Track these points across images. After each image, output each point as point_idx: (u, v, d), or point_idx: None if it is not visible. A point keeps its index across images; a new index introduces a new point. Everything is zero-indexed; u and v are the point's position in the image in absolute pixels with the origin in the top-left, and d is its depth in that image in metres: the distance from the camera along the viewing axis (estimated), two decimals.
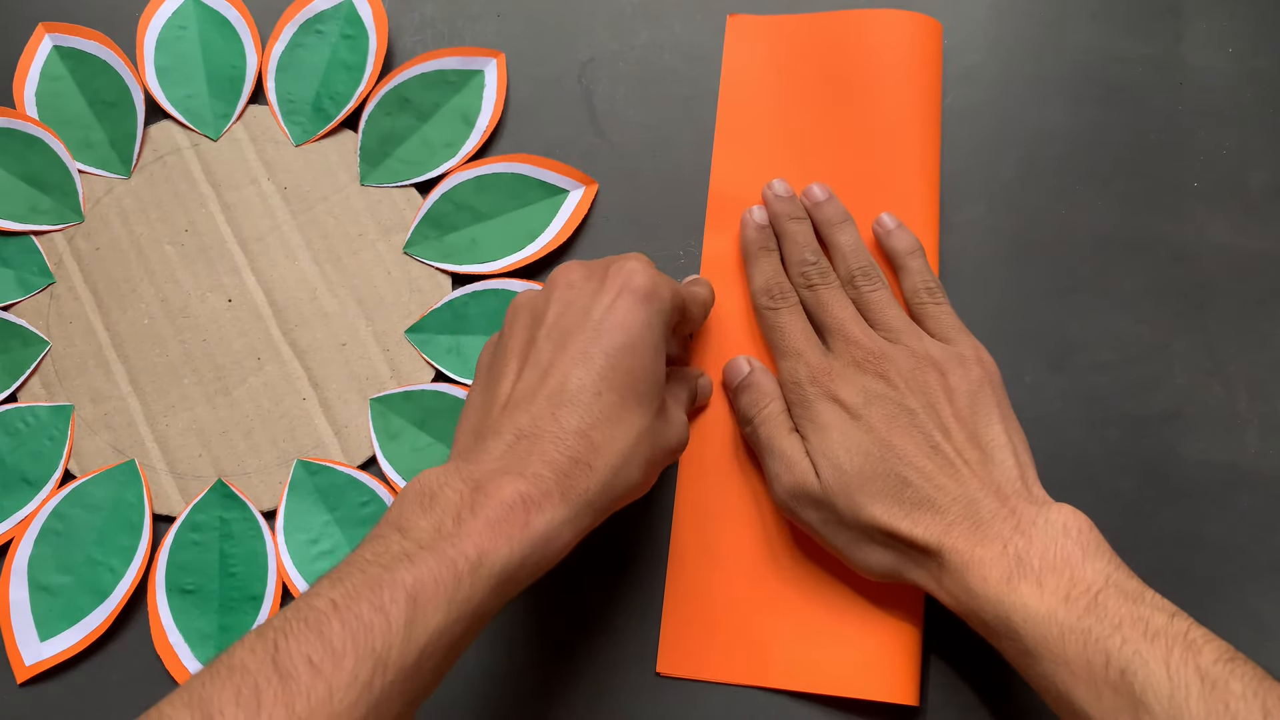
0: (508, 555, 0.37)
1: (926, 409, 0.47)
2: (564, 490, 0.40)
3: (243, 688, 0.32)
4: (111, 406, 0.56)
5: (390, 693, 0.34)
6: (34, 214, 0.58)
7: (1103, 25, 0.59)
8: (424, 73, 0.59)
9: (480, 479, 0.39)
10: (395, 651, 0.34)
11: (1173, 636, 0.37)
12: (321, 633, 0.34)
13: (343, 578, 0.36)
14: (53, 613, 0.52)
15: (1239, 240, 0.54)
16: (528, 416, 0.42)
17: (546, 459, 0.40)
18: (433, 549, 0.36)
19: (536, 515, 0.38)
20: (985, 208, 0.56)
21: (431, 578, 0.36)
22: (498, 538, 0.37)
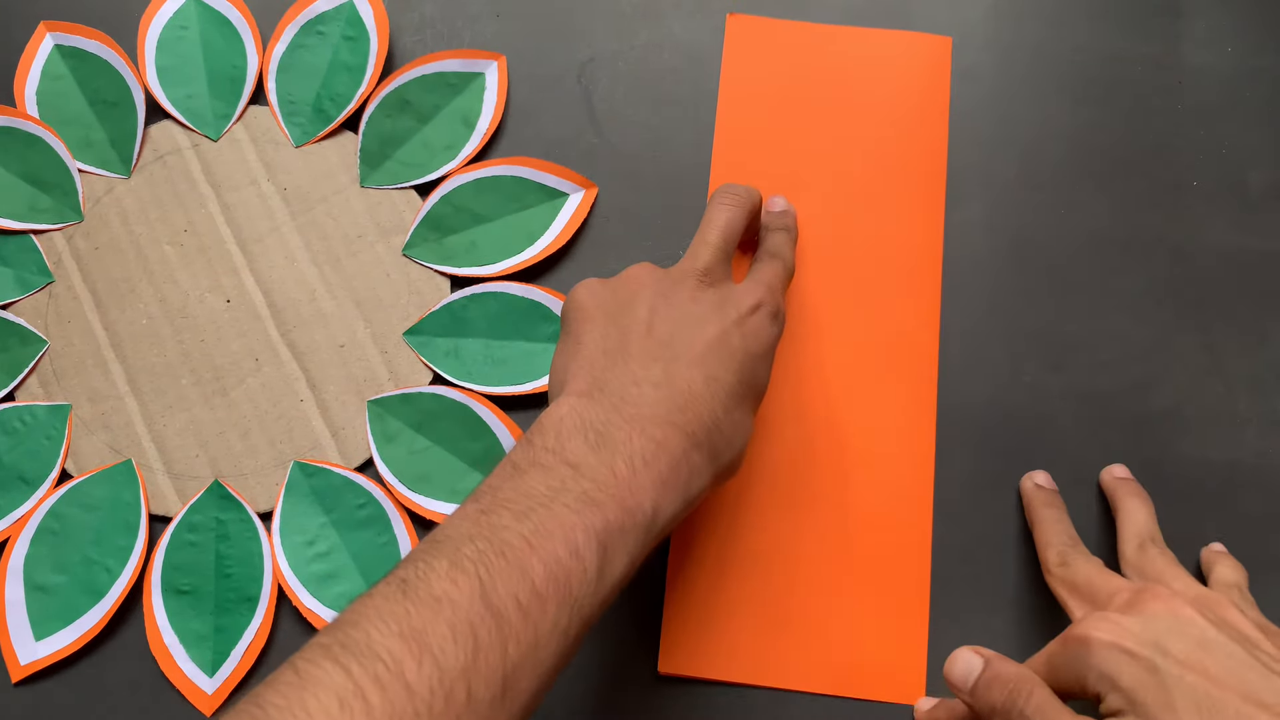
0: (672, 512, 0.38)
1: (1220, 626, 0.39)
2: (713, 455, 0.41)
3: (456, 622, 0.32)
4: (109, 406, 0.56)
5: (576, 638, 0.35)
6: (33, 213, 0.58)
7: (1103, 25, 0.59)
8: (425, 75, 0.59)
9: (644, 423, 0.39)
10: (587, 599, 0.35)
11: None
12: (524, 572, 0.34)
13: (526, 512, 0.36)
14: (48, 612, 0.52)
15: (1238, 240, 0.54)
16: (679, 375, 0.42)
17: (702, 420, 0.41)
18: (614, 496, 0.37)
19: (695, 477, 0.39)
20: (985, 208, 0.56)
21: (618, 526, 0.36)
22: (668, 492, 0.38)
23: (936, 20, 0.59)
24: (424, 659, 0.31)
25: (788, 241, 0.52)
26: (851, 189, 0.55)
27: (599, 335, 0.44)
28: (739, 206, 0.50)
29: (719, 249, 0.48)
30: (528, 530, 0.35)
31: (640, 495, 0.37)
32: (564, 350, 0.45)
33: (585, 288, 0.46)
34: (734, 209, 0.50)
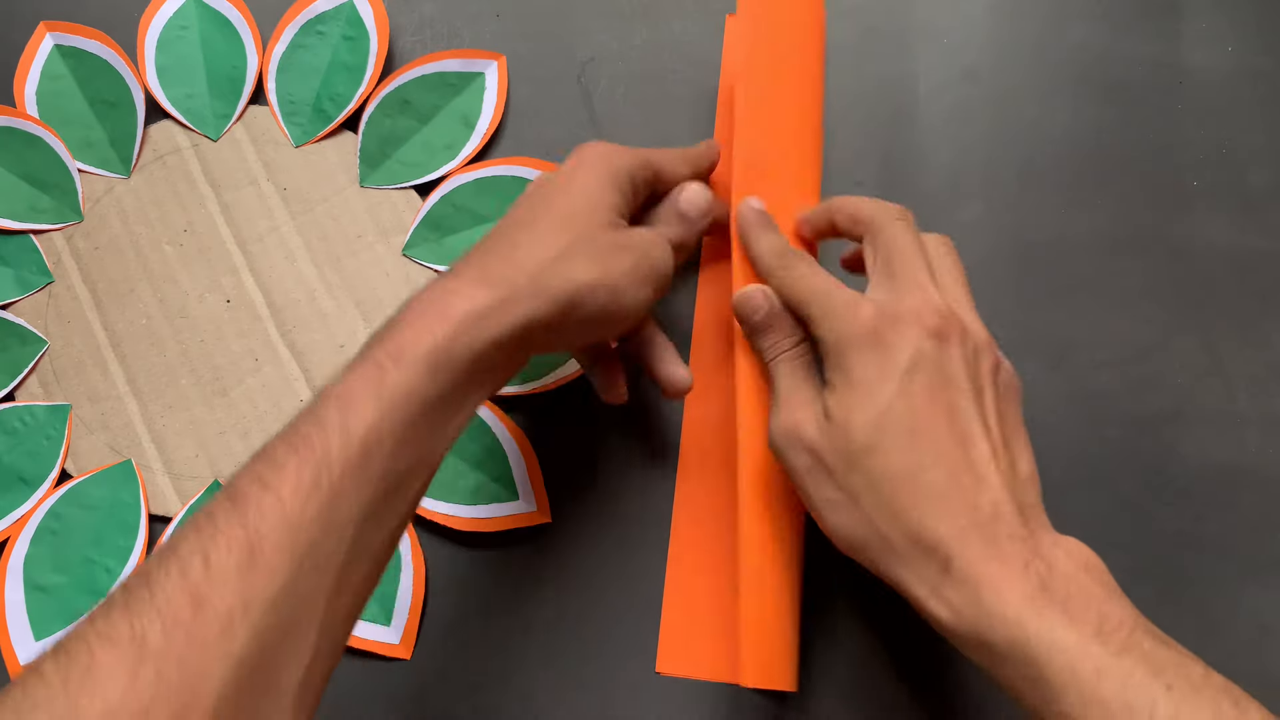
0: (430, 342, 0.38)
1: (974, 396, 0.41)
2: (485, 278, 0.41)
3: (199, 518, 0.34)
4: (109, 406, 0.56)
5: (342, 488, 0.35)
6: (33, 213, 0.58)
7: (1103, 25, 0.59)
8: (424, 75, 0.59)
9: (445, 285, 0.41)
10: (335, 450, 0.36)
11: (1216, 690, 0.35)
12: (267, 456, 0.36)
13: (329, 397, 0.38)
14: (48, 612, 0.52)
15: (1238, 239, 0.54)
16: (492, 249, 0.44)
17: (469, 261, 0.43)
18: (361, 358, 0.38)
19: (455, 300, 0.40)
20: (985, 208, 0.56)
21: (358, 379, 0.37)
22: (418, 331, 0.39)
23: (937, 20, 0.59)
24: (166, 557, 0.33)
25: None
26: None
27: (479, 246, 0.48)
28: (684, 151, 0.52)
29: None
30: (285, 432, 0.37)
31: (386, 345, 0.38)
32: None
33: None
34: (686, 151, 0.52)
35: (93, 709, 0.30)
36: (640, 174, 0.48)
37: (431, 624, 0.52)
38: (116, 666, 0.31)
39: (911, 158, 0.57)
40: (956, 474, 0.39)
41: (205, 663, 0.32)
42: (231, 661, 0.32)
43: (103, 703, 0.30)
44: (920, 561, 0.39)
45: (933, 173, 0.57)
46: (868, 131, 0.58)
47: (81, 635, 0.31)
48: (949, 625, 0.38)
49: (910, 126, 0.58)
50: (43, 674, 0.31)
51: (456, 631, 0.52)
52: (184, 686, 0.31)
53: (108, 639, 0.31)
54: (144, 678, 0.31)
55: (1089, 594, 0.37)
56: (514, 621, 0.52)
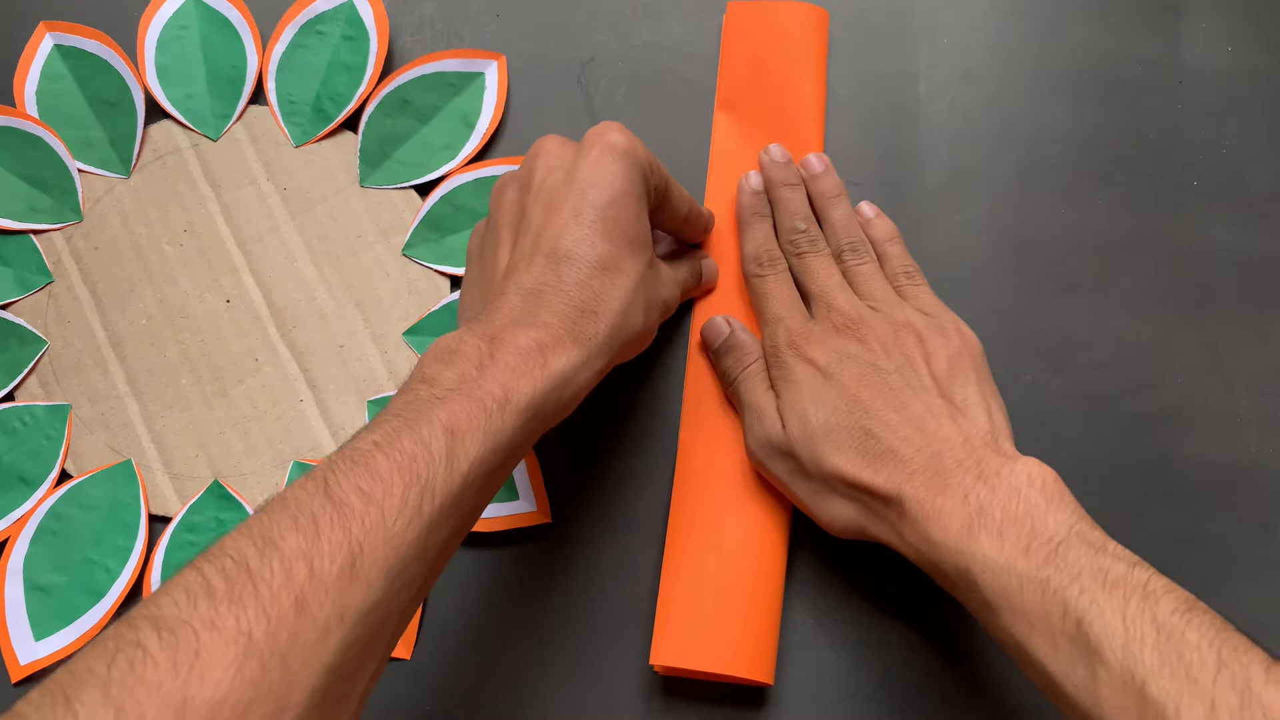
0: (530, 392, 0.40)
1: (900, 369, 0.47)
2: (574, 335, 0.42)
3: (299, 516, 0.34)
4: (109, 406, 0.56)
5: (439, 518, 0.37)
6: (33, 213, 0.58)
7: (1103, 25, 0.59)
8: (424, 74, 0.59)
9: (495, 333, 0.42)
10: (440, 479, 0.37)
11: (1131, 586, 0.37)
12: (368, 466, 0.36)
13: (379, 424, 0.38)
14: (48, 612, 0.52)
15: (1238, 239, 0.54)
16: (529, 276, 0.44)
17: (553, 310, 0.43)
18: (461, 391, 0.39)
19: (553, 357, 0.41)
20: (985, 207, 0.56)
21: (464, 413, 0.38)
22: (520, 378, 0.40)
23: (937, 20, 0.59)
24: (266, 548, 0.33)
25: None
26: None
27: (473, 270, 0.49)
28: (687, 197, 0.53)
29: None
30: (378, 437, 0.37)
31: (488, 385, 0.39)
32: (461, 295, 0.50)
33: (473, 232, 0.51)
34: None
35: (202, 697, 0.30)
36: (655, 181, 0.48)
37: (431, 624, 0.52)
38: (223, 657, 0.31)
39: (911, 158, 0.57)
40: (898, 433, 0.45)
41: (302, 666, 0.32)
42: (322, 669, 0.33)
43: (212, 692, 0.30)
44: (885, 512, 0.44)
45: (933, 173, 0.57)
46: (868, 131, 0.58)
47: (185, 620, 0.31)
48: (915, 560, 0.43)
49: (910, 126, 0.58)
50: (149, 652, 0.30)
51: (456, 631, 0.52)
52: (282, 686, 0.31)
53: (214, 627, 0.31)
54: (249, 672, 0.31)
55: (1028, 509, 0.41)
56: (514, 621, 0.52)
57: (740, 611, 0.49)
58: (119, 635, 0.31)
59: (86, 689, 0.29)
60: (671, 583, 0.50)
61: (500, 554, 0.53)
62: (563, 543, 0.53)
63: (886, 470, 0.44)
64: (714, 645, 0.49)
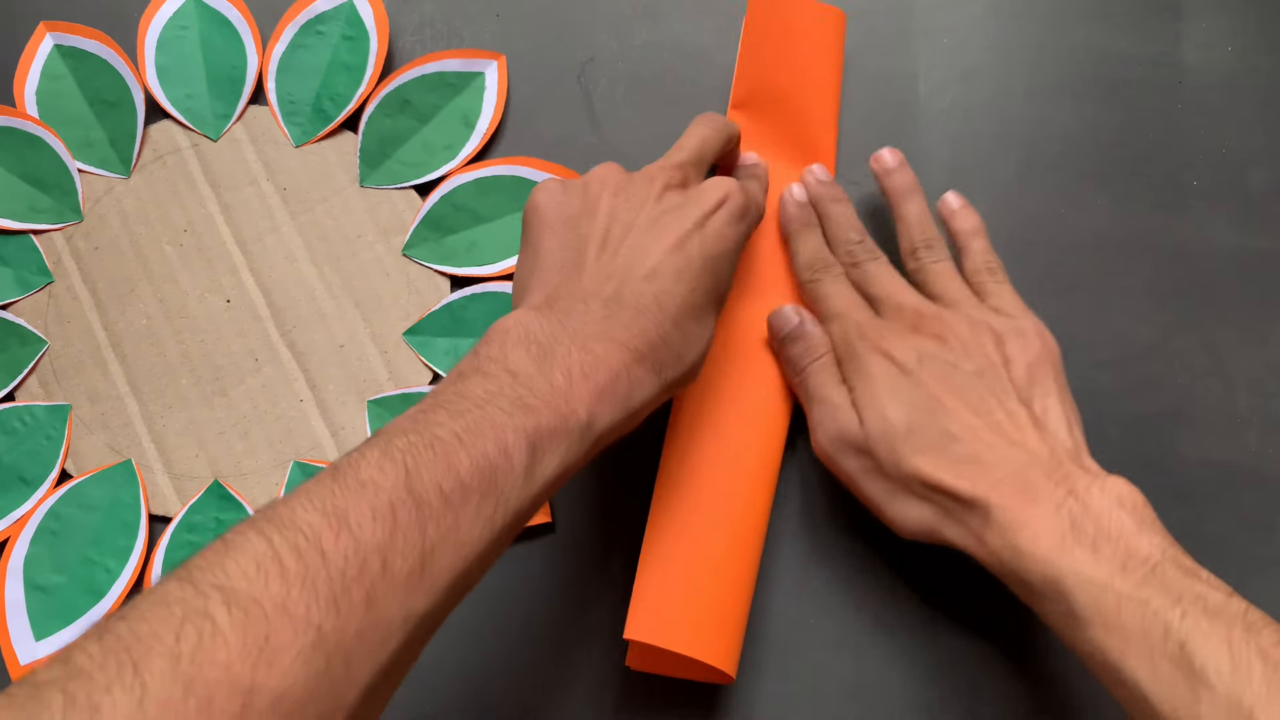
0: (609, 421, 0.40)
1: (981, 372, 0.47)
2: (658, 369, 0.42)
3: (378, 504, 0.33)
4: (109, 406, 0.56)
5: (505, 531, 0.37)
6: (33, 213, 0.58)
7: (1103, 25, 0.59)
8: (424, 74, 0.59)
9: (586, 340, 0.41)
10: (515, 493, 0.36)
11: (1232, 615, 0.37)
12: (451, 464, 0.35)
13: (461, 411, 0.37)
14: (48, 612, 0.52)
15: (1239, 239, 0.54)
16: (629, 291, 0.43)
17: (648, 337, 0.42)
18: (549, 403, 0.38)
19: (636, 389, 0.41)
20: (985, 207, 0.56)
21: (550, 430, 0.38)
22: (604, 403, 0.40)
23: (937, 20, 0.59)
24: (342, 532, 0.32)
25: (759, 188, 0.53)
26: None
27: (556, 245, 0.45)
28: (716, 128, 0.51)
29: (692, 154, 0.49)
30: (460, 427, 0.36)
31: (575, 403, 0.39)
32: (524, 260, 0.46)
33: (545, 190, 0.47)
34: (710, 128, 0.51)
35: (269, 685, 0.29)
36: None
37: None
38: (293, 646, 0.30)
39: (911, 158, 0.57)
40: (982, 438, 0.44)
41: (362, 666, 0.32)
42: (378, 668, 0.32)
43: (278, 681, 0.29)
44: (966, 517, 0.44)
45: (933, 173, 0.57)
46: (868, 131, 0.58)
47: (257, 599, 0.30)
48: (995, 568, 0.43)
49: (910, 126, 0.58)
50: (219, 628, 0.29)
51: (456, 631, 0.52)
52: (343, 684, 0.31)
53: (286, 612, 0.30)
54: (315, 666, 0.30)
55: (1120, 529, 0.40)
56: (515, 621, 0.51)
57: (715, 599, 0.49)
58: (185, 600, 0.30)
59: (154, 657, 0.28)
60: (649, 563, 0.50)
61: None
62: (563, 543, 0.53)
63: (971, 475, 0.44)
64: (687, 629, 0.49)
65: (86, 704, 0.27)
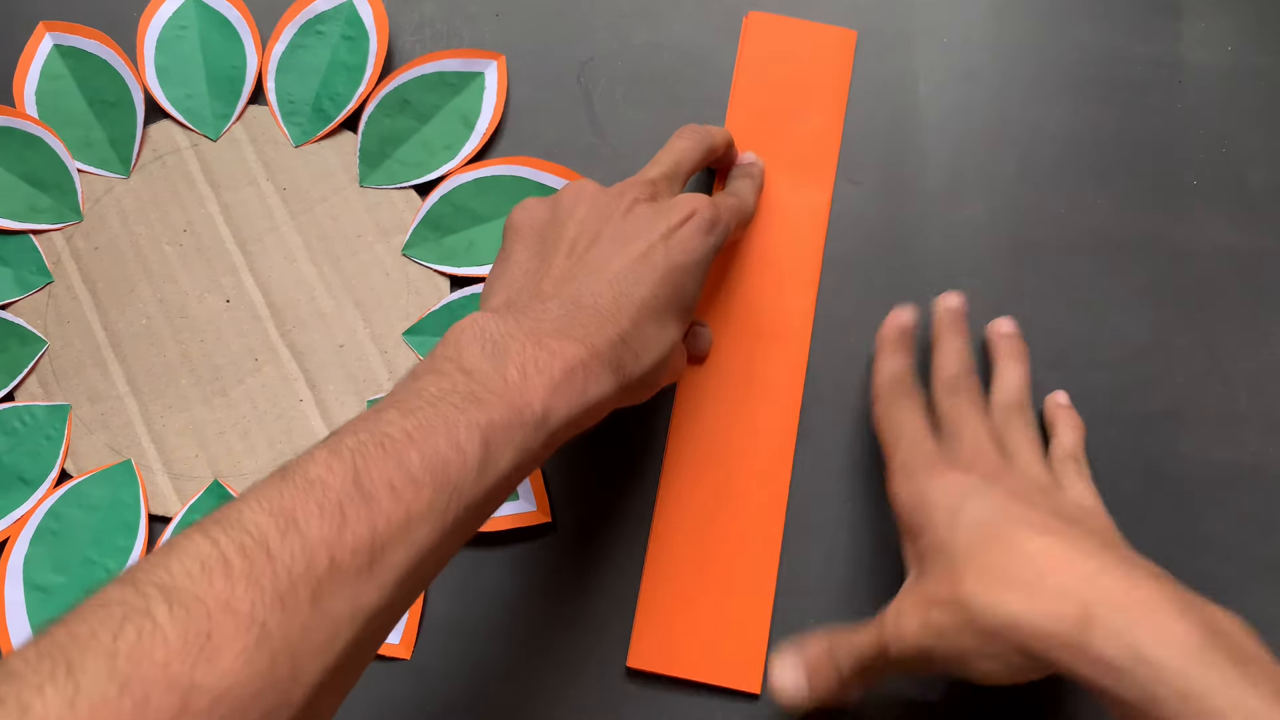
0: (565, 414, 0.40)
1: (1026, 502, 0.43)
2: (615, 367, 0.42)
3: (325, 502, 0.33)
4: (109, 406, 0.56)
5: (458, 526, 0.36)
6: (33, 213, 0.58)
7: (1102, 25, 0.59)
8: (424, 74, 0.59)
9: (541, 336, 0.41)
10: (468, 487, 0.36)
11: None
12: (401, 461, 0.35)
13: (413, 409, 0.37)
14: (48, 612, 0.52)
15: (1238, 239, 0.54)
16: (588, 292, 0.43)
17: (605, 334, 0.42)
18: (502, 397, 0.38)
19: (593, 384, 0.41)
20: (985, 207, 0.56)
21: (503, 423, 0.38)
22: (559, 397, 0.39)
23: (937, 20, 0.59)
24: (289, 531, 0.32)
25: (750, 187, 0.54)
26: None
27: (525, 254, 0.46)
28: (695, 140, 0.52)
29: (667, 168, 0.50)
30: (410, 425, 0.36)
31: (529, 397, 0.39)
32: (493, 270, 0.47)
33: (522, 207, 0.48)
34: (689, 140, 0.52)
35: (208, 684, 0.29)
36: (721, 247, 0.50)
37: (431, 624, 0.52)
38: (235, 644, 0.29)
39: (911, 158, 0.57)
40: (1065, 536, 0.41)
41: (310, 663, 0.31)
42: (326, 666, 0.32)
43: (218, 680, 0.29)
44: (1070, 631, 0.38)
45: (933, 173, 0.57)
46: (868, 131, 0.58)
47: (199, 596, 0.30)
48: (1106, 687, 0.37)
49: (910, 126, 0.58)
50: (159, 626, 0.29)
51: (456, 631, 0.52)
52: (288, 682, 0.31)
53: (229, 610, 0.30)
54: (259, 664, 0.30)
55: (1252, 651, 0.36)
56: (514, 621, 0.52)
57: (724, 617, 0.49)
58: (125, 601, 0.30)
59: (90, 656, 0.28)
60: (652, 585, 0.50)
61: (500, 554, 0.53)
62: (563, 543, 0.53)
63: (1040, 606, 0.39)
64: (694, 652, 0.49)
65: (16, 704, 0.27)
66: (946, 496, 0.43)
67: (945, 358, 0.50)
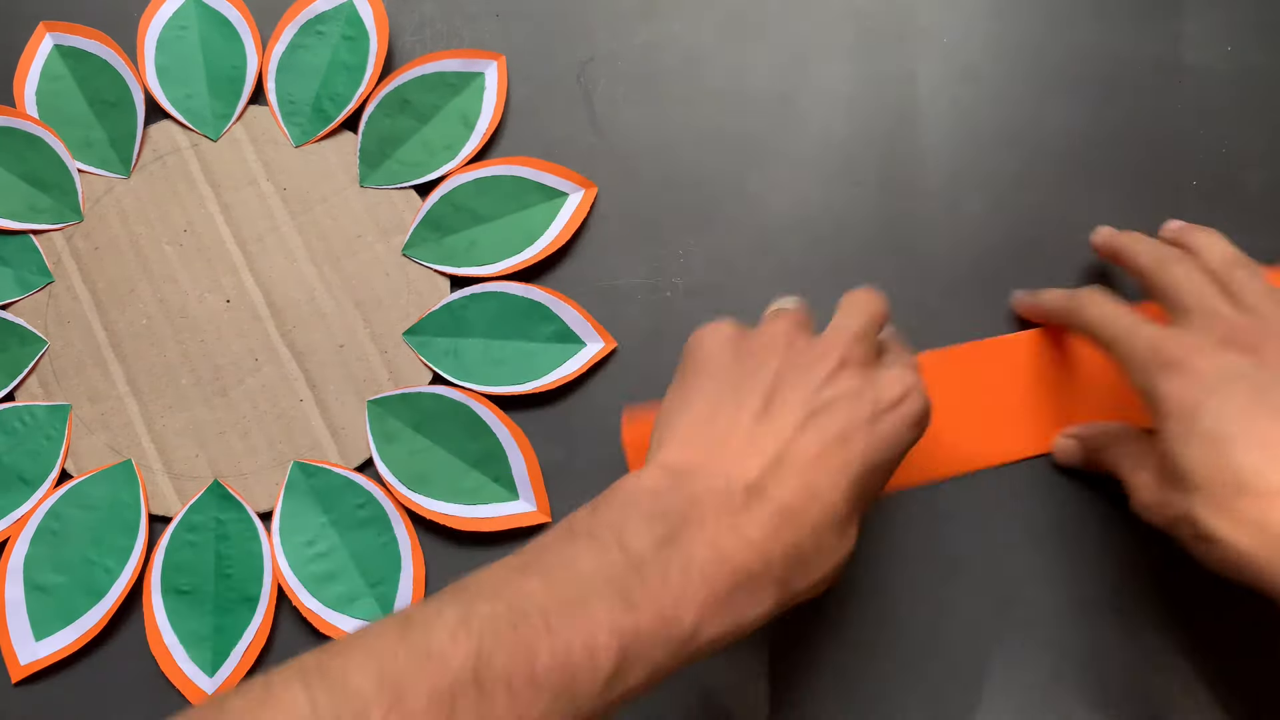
0: (715, 634, 0.35)
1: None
2: (781, 584, 0.37)
3: (439, 685, 0.31)
4: (109, 406, 0.56)
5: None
6: (33, 213, 0.58)
7: (1102, 24, 0.59)
8: (424, 74, 0.59)
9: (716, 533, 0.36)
10: (588, 701, 0.33)
11: None
12: (529, 654, 0.32)
13: (558, 583, 0.34)
14: (48, 612, 0.52)
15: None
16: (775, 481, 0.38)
17: (782, 543, 0.37)
18: (655, 602, 0.34)
19: (754, 605, 0.36)
20: (985, 206, 0.56)
21: (648, 634, 0.34)
22: (716, 615, 0.35)
23: (937, 20, 0.59)
24: (391, 713, 0.30)
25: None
26: None
27: (712, 396, 0.40)
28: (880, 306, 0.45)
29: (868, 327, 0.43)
30: (552, 608, 0.33)
31: (683, 609, 0.35)
32: (673, 399, 0.42)
33: (714, 331, 0.43)
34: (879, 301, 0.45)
35: None
36: None
37: None
38: None
39: (911, 157, 0.57)
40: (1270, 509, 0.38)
41: None
42: None
43: None
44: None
45: (933, 172, 0.57)
46: (868, 131, 0.58)
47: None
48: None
49: (910, 126, 0.58)
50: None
51: None
52: None
53: None
54: None
55: None
56: None
57: None
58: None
59: None
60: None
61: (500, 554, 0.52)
62: None
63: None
64: None
65: None
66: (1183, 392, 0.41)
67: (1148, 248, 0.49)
